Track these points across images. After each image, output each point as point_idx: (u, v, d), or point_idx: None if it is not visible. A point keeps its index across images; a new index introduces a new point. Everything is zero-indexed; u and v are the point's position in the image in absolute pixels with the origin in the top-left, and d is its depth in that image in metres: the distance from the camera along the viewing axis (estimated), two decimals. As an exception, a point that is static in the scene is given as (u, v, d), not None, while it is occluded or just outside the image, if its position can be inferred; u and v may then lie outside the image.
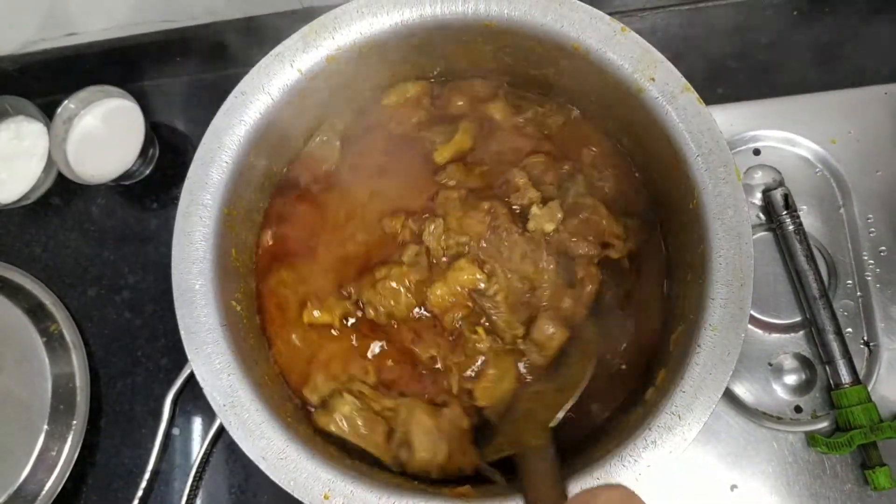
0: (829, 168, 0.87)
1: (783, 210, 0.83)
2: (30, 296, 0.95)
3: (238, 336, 0.68)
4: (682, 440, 0.62)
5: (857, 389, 0.78)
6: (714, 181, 0.65)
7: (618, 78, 0.69)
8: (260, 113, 0.70)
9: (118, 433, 0.93)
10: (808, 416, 0.82)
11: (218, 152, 0.69)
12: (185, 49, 1.03)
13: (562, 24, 0.68)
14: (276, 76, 0.70)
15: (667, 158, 0.69)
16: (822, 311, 0.80)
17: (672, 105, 0.67)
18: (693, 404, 0.62)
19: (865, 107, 0.88)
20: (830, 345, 0.80)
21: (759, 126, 0.88)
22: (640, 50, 0.68)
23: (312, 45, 0.70)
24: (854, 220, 0.85)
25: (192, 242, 0.68)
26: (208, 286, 0.67)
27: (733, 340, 0.63)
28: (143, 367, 0.95)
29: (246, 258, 0.75)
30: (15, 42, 1.01)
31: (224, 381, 0.65)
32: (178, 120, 1.03)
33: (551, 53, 0.72)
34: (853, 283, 0.84)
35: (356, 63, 0.74)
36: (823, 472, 0.80)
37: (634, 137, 0.76)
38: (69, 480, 0.89)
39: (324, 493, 0.62)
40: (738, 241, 0.64)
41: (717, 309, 0.63)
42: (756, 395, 0.82)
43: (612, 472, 0.62)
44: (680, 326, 0.70)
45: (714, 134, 0.66)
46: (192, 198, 0.68)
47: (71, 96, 0.93)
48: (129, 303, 0.97)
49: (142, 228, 1.00)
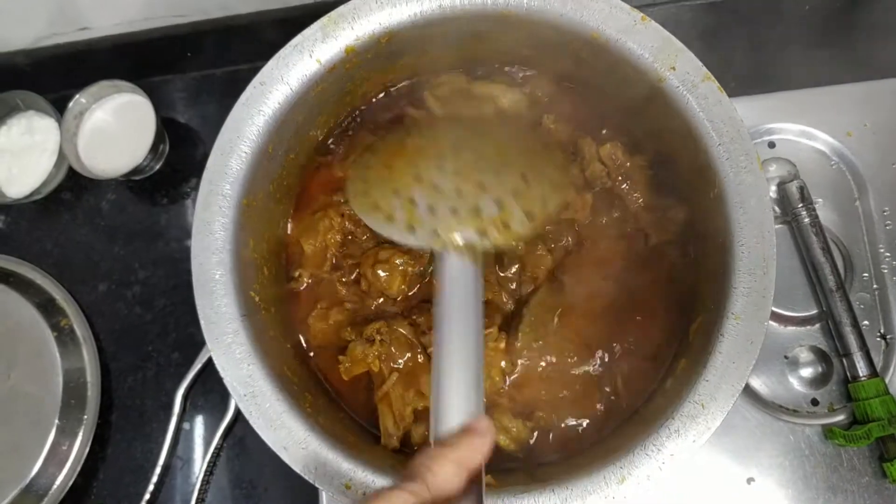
0: (845, 161, 0.87)
1: (799, 203, 0.83)
2: (41, 291, 0.95)
3: (257, 327, 0.68)
4: (705, 428, 0.61)
5: (874, 382, 0.78)
6: (735, 170, 0.65)
7: (638, 67, 0.69)
8: (279, 103, 0.70)
9: (129, 428, 0.93)
10: (825, 409, 0.81)
11: (237, 142, 0.69)
12: (196, 44, 1.04)
13: (581, 13, 0.68)
14: (296, 66, 0.70)
15: (687, 148, 0.69)
16: (839, 303, 0.80)
17: (693, 94, 0.67)
18: (717, 393, 0.62)
19: (882, 99, 0.88)
20: (847, 337, 0.80)
21: (775, 119, 0.88)
22: (660, 39, 0.68)
23: (331, 35, 0.70)
24: (870, 213, 0.85)
25: (212, 232, 0.67)
26: (228, 276, 0.67)
27: (756, 329, 0.62)
28: (154, 361, 0.95)
29: (264, 250, 0.74)
30: (27, 37, 1.02)
31: (244, 371, 0.65)
32: (189, 115, 1.03)
33: (570, 44, 0.72)
34: (869, 276, 0.84)
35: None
36: (840, 464, 0.80)
37: (654, 127, 0.76)
38: (80, 475, 0.89)
39: (345, 483, 0.62)
40: (761, 229, 0.64)
41: (740, 297, 0.63)
42: (772, 388, 0.82)
43: (636, 462, 0.61)
44: (700, 317, 0.70)
45: (735, 123, 0.66)
46: (211, 187, 0.68)
47: (82, 91, 0.93)
48: (140, 298, 0.97)
49: (152, 223, 0.99)
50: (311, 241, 0.79)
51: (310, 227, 0.80)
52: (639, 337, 0.75)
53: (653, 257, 0.77)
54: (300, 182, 0.82)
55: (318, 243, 0.79)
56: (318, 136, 0.81)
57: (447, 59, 0.81)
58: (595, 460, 0.63)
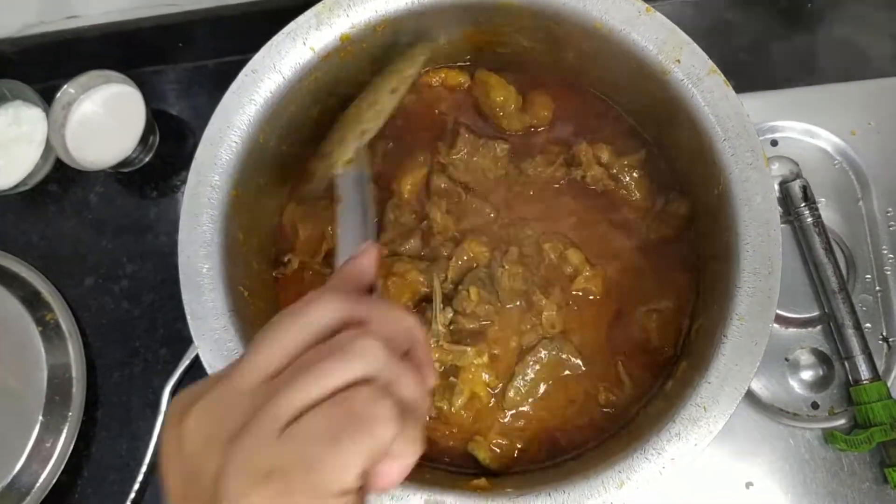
0: (849, 160, 0.86)
1: (801, 202, 0.81)
2: (26, 284, 0.94)
3: (246, 323, 0.66)
4: (707, 432, 0.60)
5: (877, 385, 0.77)
6: (741, 167, 0.64)
7: (642, 60, 0.67)
8: (270, 92, 0.69)
9: (115, 425, 0.91)
10: (826, 413, 0.80)
11: (227, 132, 0.67)
12: (188, 34, 1.02)
13: (584, 3, 0.67)
14: (288, 54, 0.69)
15: (691, 142, 0.67)
16: (842, 305, 0.79)
17: (698, 88, 0.65)
18: (719, 396, 0.60)
19: (886, 98, 0.87)
20: (850, 340, 0.78)
21: (777, 117, 0.87)
22: (665, 31, 0.66)
23: (326, 22, 0.69)
24: (873, 214, 0.84)
25: (200, 224, 0.66)
26: (216, 270, 0.65)
27: (761, 330, 0.61)
28: (141, 357, 0.93)
29: (254, 243, 0.73)
30: (14, 25, 1.00)
31: (232, 369, 0.63)
32: (180, 107, 1.01)
33: (572, 35, 0.70)
34: (872, 278, 0.83)
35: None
36: (841, 469, 0.78)
37: (657, 121, 0.74)
38: (64, 472, 0.87)
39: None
40: (767, 227, 0.62)
41: (745, 298, 0.62)
42: (772, 390, 0.81)
43: (635, 466, 0.60)
44: (700, 319, 0.68)
45: (741, 118, 0.65)
46: (199, 178, 0.66)
47: (71, 81, 0.91)
48: (128, 292, 0.95)
49: (140, 217, 0.98)
50: (309, 226, 0.78)
51: (310, 212, 0.79)
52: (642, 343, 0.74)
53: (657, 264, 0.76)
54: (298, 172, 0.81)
55: (315, 230, 0.78)
56: (313, 129, 0.79)
57: (444, 51, 0.80)
58: (593, 464, 0.62)
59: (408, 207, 0.78)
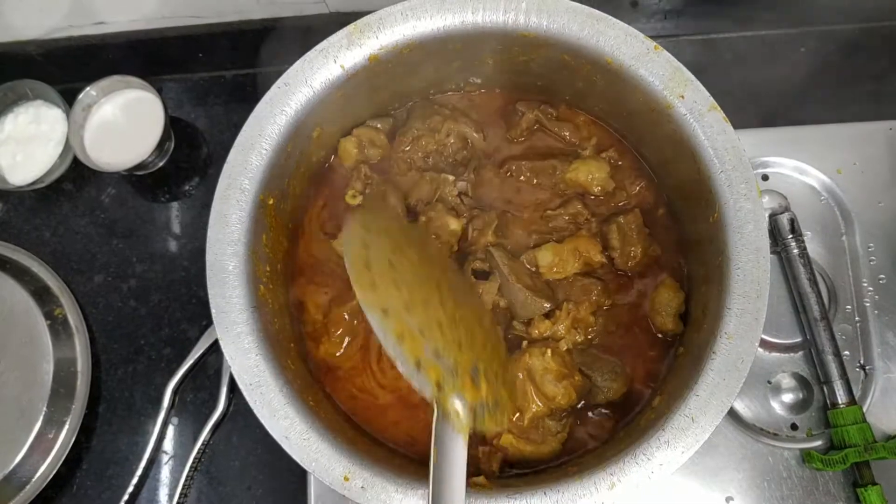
0: (834, 197, 0.90)
1: (789, 234, 0.86)
2: (36, 279, 0.95)
3: (266, 319, 0.69)
4: (694, 441, 0.64)
5: (852, 409, 0.81)
6: (735, 197, 0.68)
7: (648, 94, 0.72)
8: (301, 104, 0.72)
9: (116, 420, 0.93)
10: (804, 434, 0.84)
11: (258, 139, 0.71)
12: (209, 46, 1.05)
13: (598, 39, 0.71)
14: (320, 70, 0.72)
15: (691, 173, 0.72)
16: (822, 332, 0.83)
17: (699, 122, 0.70)
18: (707, 407, 0.64)
19: (871, 140, 0.92)
20: (829, 365, 0.82)
21: (769, 153, 0.91)
22: (671, 68, 0.71)
23: (356, 42, 0.72)
24: (855, 248, 0.89)
25: (229, 224, 0.69)
26: (241, 268, 0.68)
27: (747, 349, 0.65)
28: (146, 355, 0.95)
29: (276, 246, 0.76)
30: (42, 27, 1.02)
31: (251, 362, 0.66)
32: (195, 115, 1.04)
33: (584, 67, 0.75)
34: (852, 308, 0.87)
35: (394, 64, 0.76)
36: (816, 488, 0.82)
37: (659, 151, 0.79)
38: (64, 465, 0.89)
39: (344, 475, 0.64)
40: (757, 254, 0.66)
41: (733, 318, 0.66)
42: (754, 411, 0.85)
43: (626, 469, 0.63)
44: (685, 340, 0.73)
45: (737, 152, 0.69)
46: (230, 181, 0.70)
47: (93, 84, 0.94)
48: (135, 291, 0.98)
49: (152, 219, 1.00)
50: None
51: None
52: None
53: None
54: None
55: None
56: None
57: (462, 75, 0.84)
58: (586, 466, 0.65)
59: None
